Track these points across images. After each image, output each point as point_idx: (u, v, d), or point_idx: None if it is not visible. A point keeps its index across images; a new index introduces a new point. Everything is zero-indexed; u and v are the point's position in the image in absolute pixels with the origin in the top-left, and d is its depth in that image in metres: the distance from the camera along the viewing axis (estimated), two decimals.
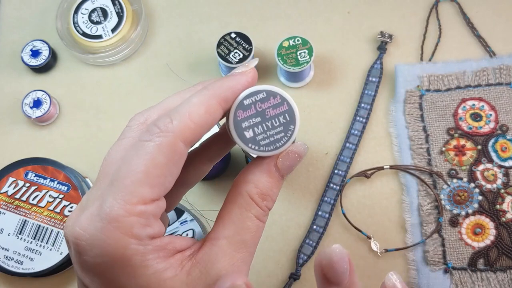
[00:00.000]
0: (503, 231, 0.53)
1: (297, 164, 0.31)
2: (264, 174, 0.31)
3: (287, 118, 0.30)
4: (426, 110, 0.58)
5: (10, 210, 0.55)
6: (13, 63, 0.63)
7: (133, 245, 0.27)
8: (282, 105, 0.30)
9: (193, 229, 0.54)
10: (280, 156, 0.31)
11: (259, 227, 0.30)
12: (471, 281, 0.53)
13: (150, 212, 0.27)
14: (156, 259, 0.28)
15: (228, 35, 0.58)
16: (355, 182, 0.57)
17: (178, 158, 0.28)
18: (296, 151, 0.31)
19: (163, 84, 0.61)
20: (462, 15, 0.62)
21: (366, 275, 0.54)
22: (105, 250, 0.27)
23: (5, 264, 0.54)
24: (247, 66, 0.31)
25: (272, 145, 0.30)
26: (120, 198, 0.27)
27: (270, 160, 0.31)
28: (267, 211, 0.31)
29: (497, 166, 0.55)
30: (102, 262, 0.27)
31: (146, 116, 0.31)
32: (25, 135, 0.60)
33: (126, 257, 0.27)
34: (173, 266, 0.28)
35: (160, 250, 0.28)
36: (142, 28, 0.62)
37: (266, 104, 0.30)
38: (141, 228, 0.27)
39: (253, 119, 0.30)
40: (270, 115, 0.30)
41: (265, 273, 0.55)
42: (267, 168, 0.31)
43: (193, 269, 0.28)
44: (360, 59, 0.61)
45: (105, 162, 0.30)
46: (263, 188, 0.30)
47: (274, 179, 0.31)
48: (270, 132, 0.30)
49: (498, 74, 0.58)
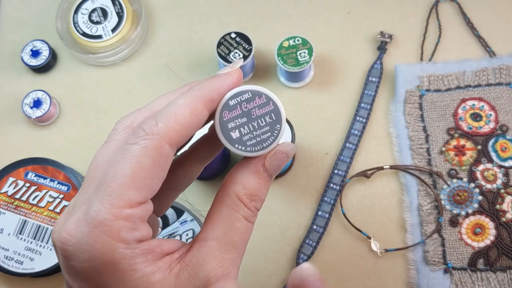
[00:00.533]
0: (503, 231, 0.53)
1: (284, 164, 0.31)
2: (252, 175, 0.30)
3: (273, 117, 0.30)
4: (426, 110, 0.58)
5: (10, 210, 0.55)
6: (13, 63, 0.63)
7: (121, 249, 0.27)
8: (268, 104, 0.30)
9: (193, 229, 0.54)
10: (268, 156, 0.30)
11: (248, 228, 0.30)
12: (471, 281, 0.53)
13: (137, 216, 0.27)
14: (144, 263, 0.27)
15: (228, 35, 0.58)
16: (355, 182, 0.57)
17: (164, 161, 0.28)
18: (283, 151, 0.31)
19: (163, 84, 0.61)
20: (462, 15, 0.62)
21: (366, 275, 0.54)
22: (93, 254, 0.27)
23: (5, 264, 0.54)
24: (232, 66, 0.31)
25: (259, 145, 0.30)
26: (106, 202, 0.26)
27: (257, 160, 0.30)
28: (256, 211, 0.31)
29: (497, 166, 0.55)
30: (90, 267, 0.27)
31: (132, 119, 0.31)
32: (25, 135, 0.60)
33: (114, 261, 0.27)
34: (161, 269, 0.28)
35: (148, 254, 0.28)
36: (142, 28, 0.62)
37: (251, 104, 0.30)
38: (128, 232, 0.27)
39: (239, 120, 0.30)
40: (256, 115, 0.30)
41: (265, 273, 0.55)
42: (255, 168, 0.30)
43: (181, 271, 0.28)
44: (360, 59, 0.61)
45: (91, 166, 0.30)
46: (251, 189, 0.30)
47: (262, 179, 0.31)
48: (257, 132, 0.30)
49: (498, 74, 0.58)
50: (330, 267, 0.55)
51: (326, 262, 0.55)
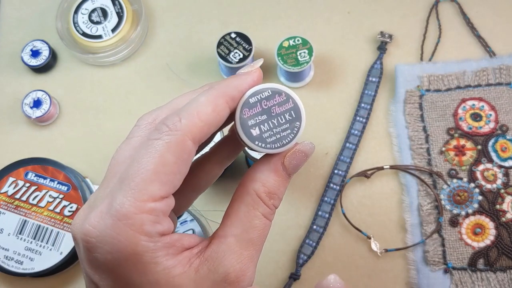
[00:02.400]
0: (503, 231, 0.53)
1: (303, 163, 0.32)
2: (272, 173, 0.31)
3: (293, 115, 0.31)
4: (426, 110, 0.58)
5: (10, 210, 0.55)
6: (13, 63, 0.63)
7: (144, 241, 0.27)
8: (288, 102, 0.30)
9: (193, 229, 0.54)
10: (287, 155, 0.31)
11: (266, 225, 0.31)
12: (471, 281, 0.53)
13: (160, 209, 0.28)
14: (166, 256, 0.28)
15: (228, 35, 0.58)
16: (355, 182, 0.57)
17: (187, 156, 0.28)
18: (303, 150, 0.31)
19: (163, 84, 0.61)
20: (462, 15, 0.62)
21: (366, 275, 0.54)
22: (116, 246, 0.27)
23: (5, 264, 0.54)
24: (252, 66, 0.31)
25: (279, 142, 0.30)
26: (130, 196, 0.27)
27: (277, 159, 0.31)
28: (274, 209, 0.31)
29: (497, 166, 0.55)
30: (112, 259, 0.27)
31: (154, 116, 0.31)
32: (25, 135, 0.60)
33: (136, 254, 0.27)
34: (181, 263, 0.28)
35: (169, 247, 0.28)
36: (142, 28, 0.62)
37: (271, 101, 0.30)
38: (151, 225, 0.27)
39: (259, 117, 0.30)
40: (276, 113, 0.30)
41: (265, 273, 0.55)
42: (274, 167, 0.31)
43: (201, 266, 0.29)
44: (360, 59, 0.61)
45: (113, 161, 0.30)
46: (271, 187, 0.31)
47: (281, 178, 0.31)
48: (277, 129, 0.30)
49: (498, 74, 0.58)
50: (330, 267, 0.55)
51: (326, 262, 0.55)
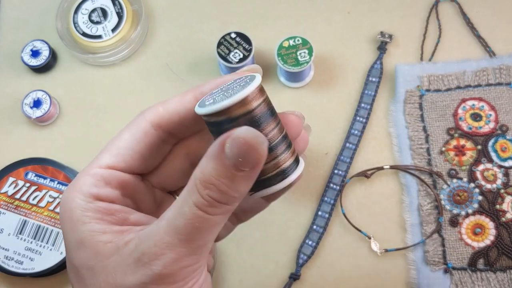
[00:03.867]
0: (503, 231, 0.53)
1: (251, 157, 0.26)
2: (211, 160, 0.26)
3: (248, 80, 0.28)
4: (426, 110, 0.58)
5: (10, 210, 0.55)
6: (13, 63, 0.63)
7: (77, 199, 0.30)
8: (246, 77, 0.29)
9: None
10: (227, 140, 0.26)
11: (197, 217, 0.27)
12: (471, 281, 0.53)
13: (101, 174, 0.30)
14: (95, 219, 0.29)
15: (228, 35, 0.58)
16: (355, 182, 0.57)
17: (141, 135, 0.31)
18: (241, 136, 0.26)
19: (163, 84, 0.61)
20: (462, 15, 0.62)
21: (366, 275, 0.54)
22: (61, 203, 0.30)
23: (5, 264, 0.54)
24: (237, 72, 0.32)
25: (225, 94, 0.27)
26: (88, 165, 0.31)
27: (217, 143, 0.26)
28: (212, 202, 0.27)
29: (497, 166, 0.55)
30: (60, 214, 0.31)
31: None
32: (25, 135, 0.60)
33: (70, 209, 0.30)
34: (114, 233, 0.29)
35: (104, 213, 0.30)
36: (142, 28, 0.62)
37: (232, 84, 0.30)
38: (88, 186, 0.30)
39: (216, 93, 0.29)
40: (232, 87, 0.28)
41: (265, 273, 0.55)
42: (213, 152, 0.26)
43: (132, 242, 0.28)
44: (360, 59, 0.61)
45: None
46: (207, 175, 0.26)
47: (223, 167, 0.26)
48: (228, 92, 0.28)
49: (498, 74, 0.58)
50: (330, 267, 0.55)
51: (326, 262, 0.55)
